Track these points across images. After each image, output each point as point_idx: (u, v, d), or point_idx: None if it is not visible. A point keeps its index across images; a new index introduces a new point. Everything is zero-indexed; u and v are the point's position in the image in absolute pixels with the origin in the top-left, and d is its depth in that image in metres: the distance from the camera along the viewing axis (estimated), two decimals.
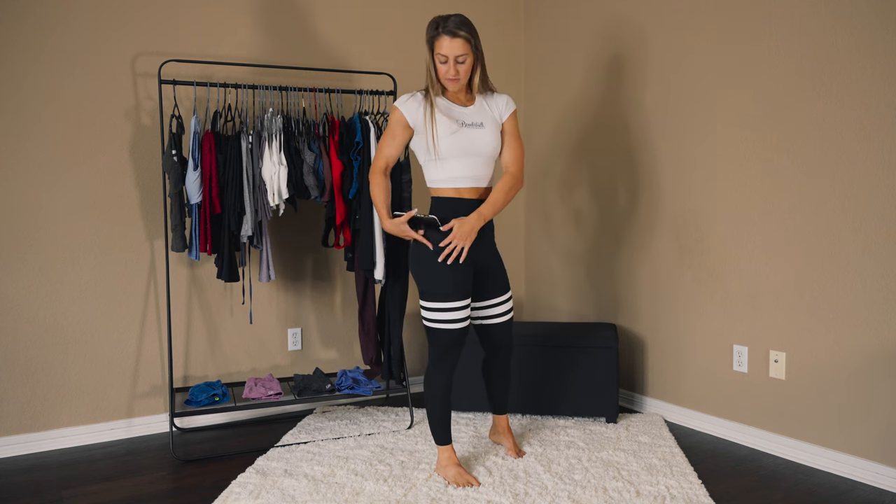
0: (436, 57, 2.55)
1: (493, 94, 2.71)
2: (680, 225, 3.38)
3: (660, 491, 2.57)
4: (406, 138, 2.65)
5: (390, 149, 2.65)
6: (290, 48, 3.64)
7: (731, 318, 3.17)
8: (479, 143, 2.60)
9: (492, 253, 2.75)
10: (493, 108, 2.68)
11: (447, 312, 2.60)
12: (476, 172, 2.62)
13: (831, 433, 2.81)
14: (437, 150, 2.57)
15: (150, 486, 2.73)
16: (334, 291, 3.82)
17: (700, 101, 3.26)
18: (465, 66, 2.56)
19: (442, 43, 2.51)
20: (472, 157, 2.60)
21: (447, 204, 2.65)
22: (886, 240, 2.62)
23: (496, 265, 2.76)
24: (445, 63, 2.54)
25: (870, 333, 2.68)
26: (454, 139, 2.56)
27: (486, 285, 2.74)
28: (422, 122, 2.59)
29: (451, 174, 2.61)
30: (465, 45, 2.52)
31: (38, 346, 3.15)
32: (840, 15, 2.70)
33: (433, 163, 2.62)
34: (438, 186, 2.65)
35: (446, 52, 2.51)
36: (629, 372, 3.71)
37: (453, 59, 2.52)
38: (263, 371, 3.66)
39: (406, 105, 2.60)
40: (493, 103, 2.69)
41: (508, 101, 2.72)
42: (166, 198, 3.21)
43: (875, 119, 2.63)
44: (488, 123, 2.64)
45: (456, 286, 2.59)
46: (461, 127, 2.58)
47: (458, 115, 2.61)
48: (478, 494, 2.55)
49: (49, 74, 3.13)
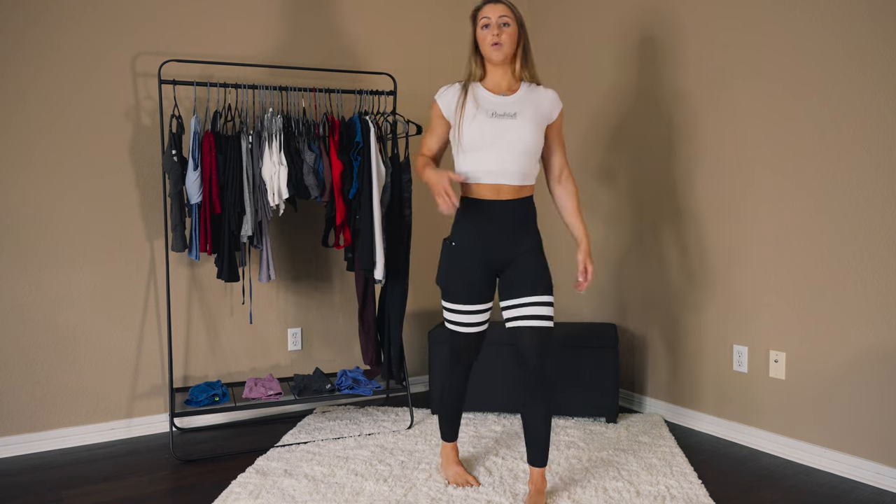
0: (479, 24, 2.42)
1: (538, 87, 2.50)
2: (680, 225, 3.38)
3: (660, 491, 2.57)
4: (443, 129, 2.51)
5: (430, 140, 2.53)
6: (291, 48, 3.64)
7: (731, 318, 3.17)
8: (509, 135, 2.38)
9: (525, 251, 2.46)
10: (539, 103, 2.46)
11: (459, 315, 2.50)
12: (503, 167, 2.39)
13: (831, 433, 2.81)
14: (461, 139, 2.42)
15: (150, 486, 2.74)
16: (334, 291, 3.82)
17: (697, 102, 3.26)
18: (509, 33, 2.39)
19: (485, 9, 2.41)
20: (500, 149, 2.38)
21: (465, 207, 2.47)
22: (886, 240, 2.62)
23: (528, 263, 2.45)
24: (488, 27, 2.39)
25: (870, 334, 2.68)
26: (479, 128, 2.38)
27: (514, 283, 2.45)
28: (454, 110, 2.45)
29: (474, 167, 2.41)
30: (508, 10, 2.40)
31: (38, 346, 3.15)
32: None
33: (461, 154, 2.45)
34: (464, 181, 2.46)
35: (489, 13, 2.39)
36: (629, 372, 3.71)
37: (496, 21, 2.38)
38: (263, 371, 3.66)
39: (442, 96, 2.48)
40: (538, 97, 2.47)
41: (556, 99, 2.50)
42: (166, 198, 3.21)
43: (874, 120, 2.63)
44: (524, 114, 2.41)
45: (467, 289, 2.46)
46: (490, 116, 2.39)
47: (489, 103, 2.42)
48: (478, 494, 2.55)
49: (49, 74, 3.13)
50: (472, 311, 2.49)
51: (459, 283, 2.47)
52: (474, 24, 2.45)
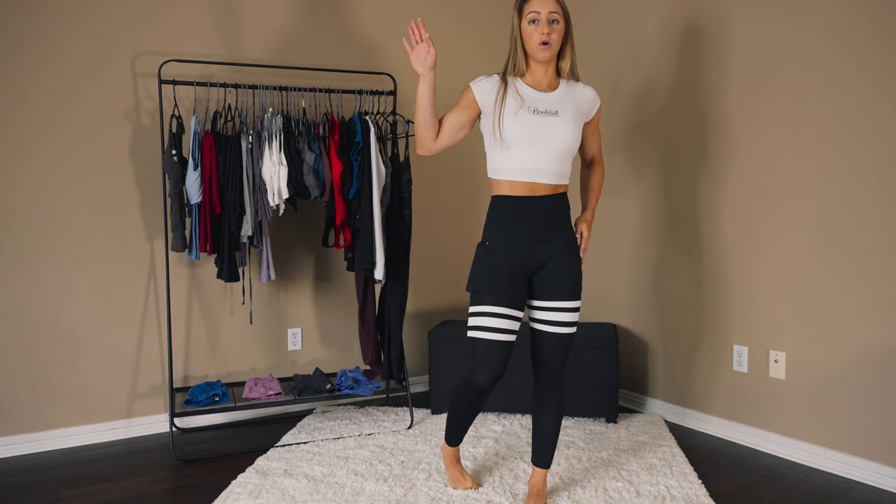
0: (525, 18, 2.29)
1: (577, 84, 2.42)
2: (681, 224, 3.38)
3: (660, 491, 2.57)
4: (468, 115, 2.37)
5: (448, 117, 2.38)
6: (291, 48, 3.64)
7: (731, 318, 3.17)
8: (550, 133, 2.30)
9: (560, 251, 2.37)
10: (579, 100, 2.39)
11: (485, 318, 2.30)
12: (539, 165, 2.31)
13: (831, 433, 2.81)
14: (501, 134, 2.32)
15: (150, 486, 2.73)
16: (334, 291, 3.82)
17: (698, 101, 3.26)
18: (558, 31, 2.29)
19: (533, 2, 2.28)
20: (538, 146, 2.30)
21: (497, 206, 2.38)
22: (886, 240, 2.62)
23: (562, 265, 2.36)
24: (537, 23, 2.27)
25: (869, 334, 2.68)
26: (520, 124, 2.29)
27: (546, 284, 2.36)
28: (492, 102, 2.34)
29: (512, 164, 2.33)
30: (558, 6, 2.29)
31: (38, 346, 3.15)
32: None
33: (497, 149, 2.36)
34: (497, 177, 2.38)
35: (539, 7, 2.26)
36: (629, 372, 3.71)
37: (546, 18, 2.26)
38: (263, 371, 3.66)
39: (479, 85, 2.37)
40: (578, 94, 2.40)
41: (596, 97, 2.45)
42: (166, 198, 3.21)
43: (874, 121, 2.63)
44: (566, 113, 2.34)
45: (498, 289, 2.30)
46: (532, 113, 2.31)
47: (532, 99, 2.33)
48: (477, 494, 2.55)
49: (49, 74, 3.13)
50: (500, 315, 2.30)
51: (490, 284, 2.31)
52: (520, 16, 2.31)
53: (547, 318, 2.37)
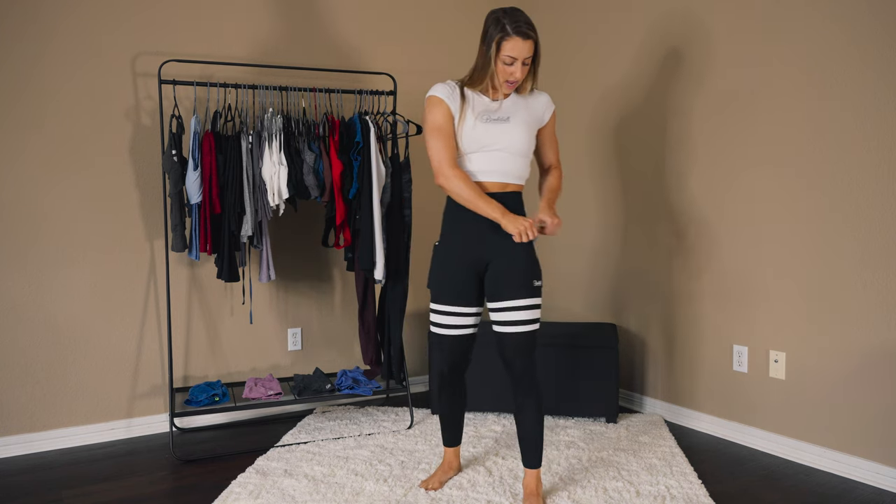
0: (500, 58, 2.32)
1: (531, 91, 2.50)
2: (681, 225, 3.38)
3: (660, 491, 2.57)
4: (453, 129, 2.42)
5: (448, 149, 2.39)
6: (291, 48, 3.64)
7: (731, 318, 3.17)
8: (501, 138, 2.39)
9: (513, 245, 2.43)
10: (531, 107, 2.47)
11: (442, 316, 2.49)
12: (501, 167, 2.41)
13: (831, 433, 2.81)
14: (460, 144, 2.40)
15: (150, 486, 2.73)
16: (334, 291, 3.82)
17: (698, 100, 3.25)
18: (527, 67, 2.37)
19: (514, 45, 2.28)
20: (495, 151, 2.40)
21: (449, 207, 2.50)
22: (886, 240, 2.62)
23: (514, 261, 2.42)
24: (511, 65, 2.32)
25: (870, 334, 2.68)
26: (475, 134, 2.38)
27: (499, 283, 2.43)
28: (458, 112, 2.40)
29: (475, 167, 2.41)
30: (534, 46, 2.33)
31: (38, 346, 3.15)
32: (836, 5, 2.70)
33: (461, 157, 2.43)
34: None
35: (517, 54, 2.30)
36: (629, 372, 3.71)
37: (521, 62, 2.33)
38: (263, 371, 3.66)
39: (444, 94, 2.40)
40: (531, 101, 2.48)
41: (549, 102, 2.52)
42: (166, 198, 3.21)
43: (874, 120, 2.63)
44: (517, 118, 2.42)
45: (451, 288, 2.45)
46: (485, 122, 2.39)
47: (484, 108, 2.41)
48: (477, 494, 2.55)
49: (49, 74, 3.13)
50: (453, 313, 2.47)
51: (444, 283, 2.47)
52: (497, 49, 2.32)
53: (503, 319, 2.42)
